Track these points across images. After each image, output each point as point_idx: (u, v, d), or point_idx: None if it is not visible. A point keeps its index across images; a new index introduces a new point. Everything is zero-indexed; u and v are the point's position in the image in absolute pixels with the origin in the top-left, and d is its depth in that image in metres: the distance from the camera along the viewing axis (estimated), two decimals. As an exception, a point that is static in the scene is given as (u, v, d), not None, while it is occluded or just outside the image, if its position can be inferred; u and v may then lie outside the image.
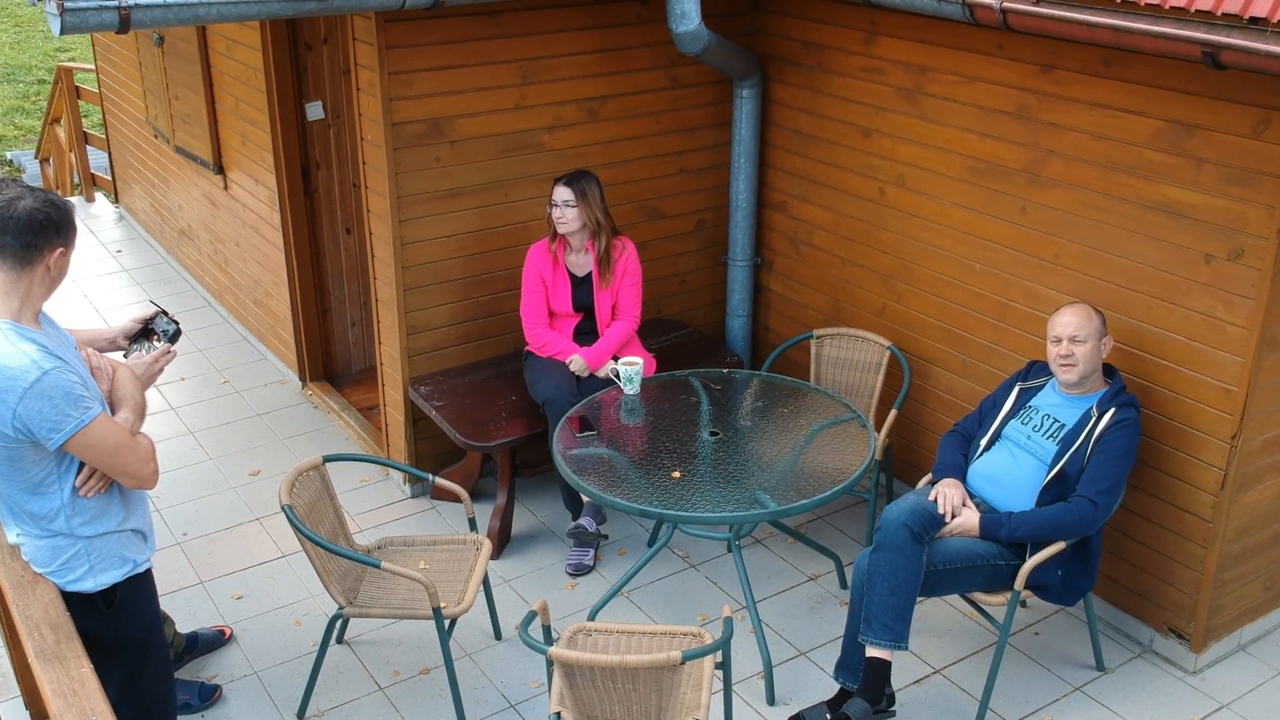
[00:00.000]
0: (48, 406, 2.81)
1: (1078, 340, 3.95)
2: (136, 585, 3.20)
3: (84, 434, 2.87)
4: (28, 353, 2.82)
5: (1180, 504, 4.21)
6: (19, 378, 2.80)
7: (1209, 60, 3.28)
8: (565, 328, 5.03)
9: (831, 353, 5.22)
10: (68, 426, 2.84)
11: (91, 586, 3.09)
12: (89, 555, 3.06)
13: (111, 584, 3.11)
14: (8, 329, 2.85)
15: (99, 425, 2.89)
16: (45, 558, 3.06)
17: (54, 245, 2.89)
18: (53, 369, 2.83)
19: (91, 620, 3.12)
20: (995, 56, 4.43)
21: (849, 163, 5.19)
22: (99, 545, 3.07)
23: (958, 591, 4.03)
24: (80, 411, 2.85)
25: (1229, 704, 4.20)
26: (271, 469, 5.69)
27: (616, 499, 4.06)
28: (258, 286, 6.68)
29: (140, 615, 3.24)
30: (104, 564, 3.09)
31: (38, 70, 15.16)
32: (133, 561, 3.16)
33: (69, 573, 3.07)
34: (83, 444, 2.89)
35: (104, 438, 2.91)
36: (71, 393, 2.84)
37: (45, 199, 2.88)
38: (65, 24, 3.53)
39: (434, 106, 4.83)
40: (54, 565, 3.06)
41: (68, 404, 2.83)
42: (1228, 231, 3.86)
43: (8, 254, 2.86)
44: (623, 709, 3.35)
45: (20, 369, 2.80)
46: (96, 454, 2.93)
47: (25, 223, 2.83)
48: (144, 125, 7.89)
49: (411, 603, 3.99)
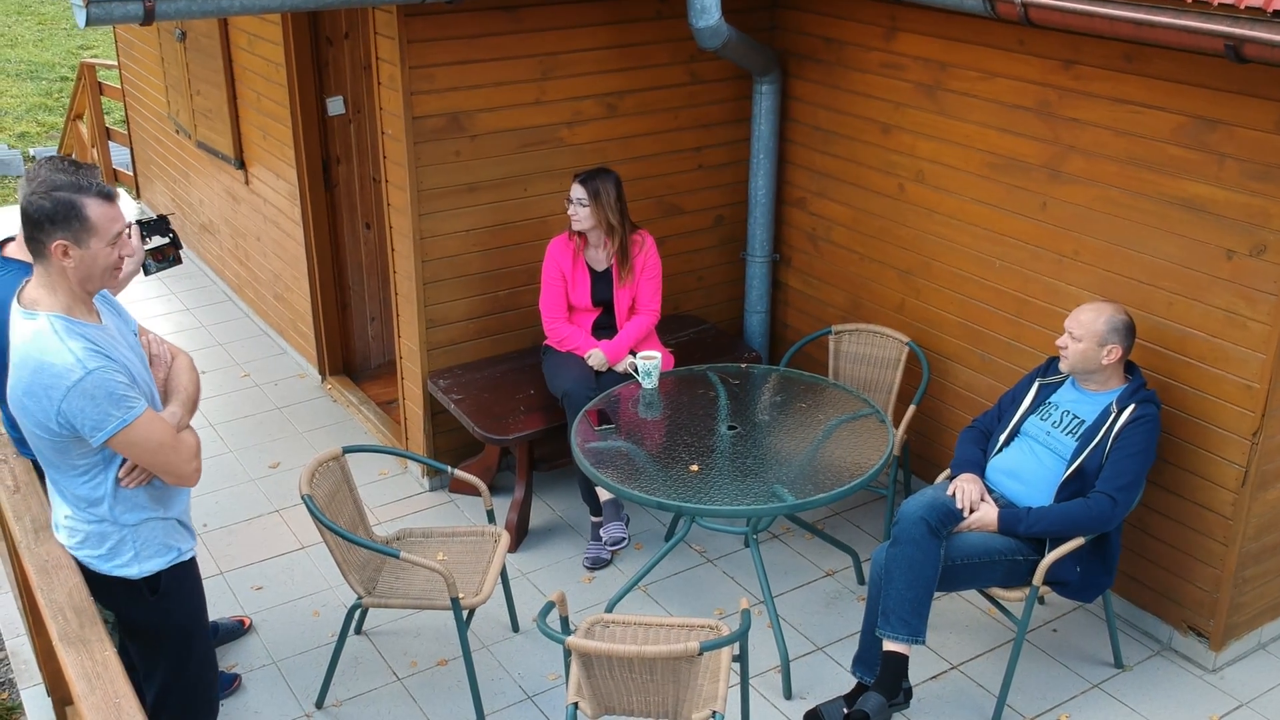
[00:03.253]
0: (90, 405, 2.80)
1: (1074, 336, 3.97)
2: (181, 573, 3.20)
3: (126, 433, 2.85)
4: (73, 350, 2.79)
5: (1200, 501, 4.20)
6: (63, 376, 2.78)
7: (1232, 54, 3.27)
8: (584, 322, 5.04)
9: (850, 348, 5.22)
10: (110, 425, 2.83)
11: (136, 573, 3.09)
12: (134, 542, 3.07)
13: (156, 571, 3.12)
14: (57, 323, 2.82)
15: (142, 424, 2.87)
16: (93, 541, 3.06)
17: (54, 239, 2.77)
18: (97, 368, 2.80)
19: (138, 608, 3.14)
20: (1016, 52, 4.42)
21: (868, 159, 5.18)
22: (143, 532, 3.08)
23: (975, 587, 4.02)
24: (123, 411, 2.83)
25: (1248, 702, 4.18)
26: (291, 462, 5.72)
27: (634, 492, 4.07)
28: (278, 281, 6.71)
29: (185, 604, 3.24)
30: (149, 551, 3.10)
31: (60, 68, 15.26)
32: (177, 550, 3.17)
33: (115, 557, 3.07)
34: (125, 442, 2.88)
35: (146, 437, 2.90)
36: (114, 392, 2.82)
37: (46, 186, 2.75)
38: (91, 16, 3.55)
39: (454, 101, 4.85)
40: (101, 549, 3.06)
41: (110, 403, 2.81)
42: (1249, 227, 3.84)
43: (29, 248, 2.84)
44: (640, 700, 3.36)
45: (65, 367, 2.78)
46: (139, 452, 2.93)
47: (24, 215, 2.78)
48: (165, 121, 7.94)
49: (430, 593, 4.01)
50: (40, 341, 2.80)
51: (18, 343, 2.84)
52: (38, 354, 2.80)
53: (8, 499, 3.39)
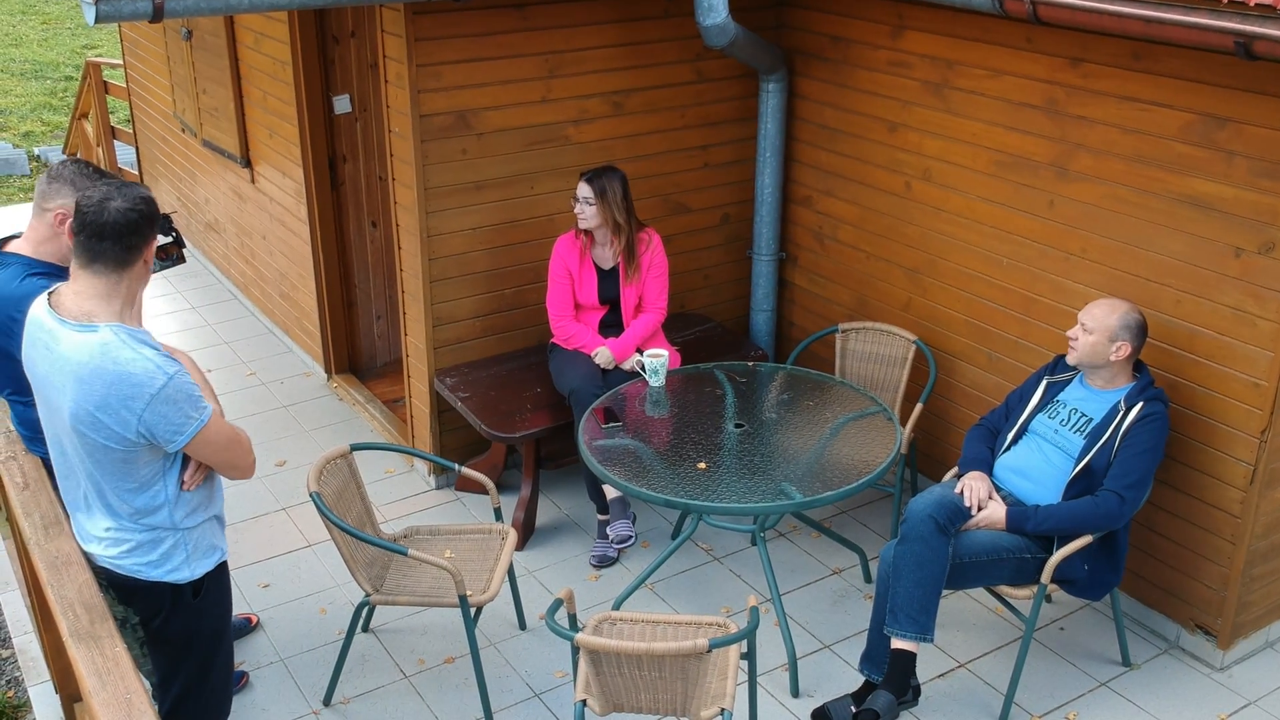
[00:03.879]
0: (173, 411, 2.78)
1: (1085, 329, 3.97)
2: (220, 575, 3.19)
3: (203, 433, 2.84)
4: (150, 357, 2.77)
5: (1208, 499, 4.19)
6: (145, 384, 2.75)
7: (1241, 51, 3.27)
8: (591, 320, 5.04)
9: (856, 347, 5.22)
10: (190, 429, 2.82)
11: (187, 576, 3.05)
12: (186, 545, 3.03)
13: (203, 573, 3.09)
14: (122, 334, 2.78)
15: (215, 423, 2.87)
16: (144, 549, 3.00)
17: (149, 240, 2.84)
18: (176, 372, 2.78)
19: (177, 612, 3.10)
20: (1024, 50, 4.42)
21: (875, 157, 5.18)
22: (195, 535, 3.05)
23: (983, 584, 4.02)
24: (199, 412, 2.83)
25: (1256, 701, 4.18)
26: (297, 460, 5.73)
27: (642, 489, 4.07)
28: (284, 279, 6.72)
29: (218, 606, 3.22)
30: (199, 553, 3.07)
31: (65, 67, 15.28)
32: (220, 550, 3.15)
33: (167, 562, 3.03)
34: (201, 443, 2.87)
35: (218, 434, 2.90)
36: (192, 395, 2.81)
37: (135, 197, 2.80)
38: (100, 13, 3.56)
39: (461, 99, 4.85)
40: (153, 555, 3.01)
41: (190, 406, 2.80)
42: (1258, 225, 3.84)
43: (108, 259, 2.78)
44: (648, 697, 3.36)
45: (146, 375, 2.75)
46: (211, 450, 2.91)
47: (121, 226, 2.76)
48: (171, 119, 7.95)
49: (437, 590, 4.01)
50: (112, 352, 2.75)
51: (81, 357, 2.76)
52: (112, 365, 2.74)
53: (17, 496, 3.39)
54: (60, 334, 2.80)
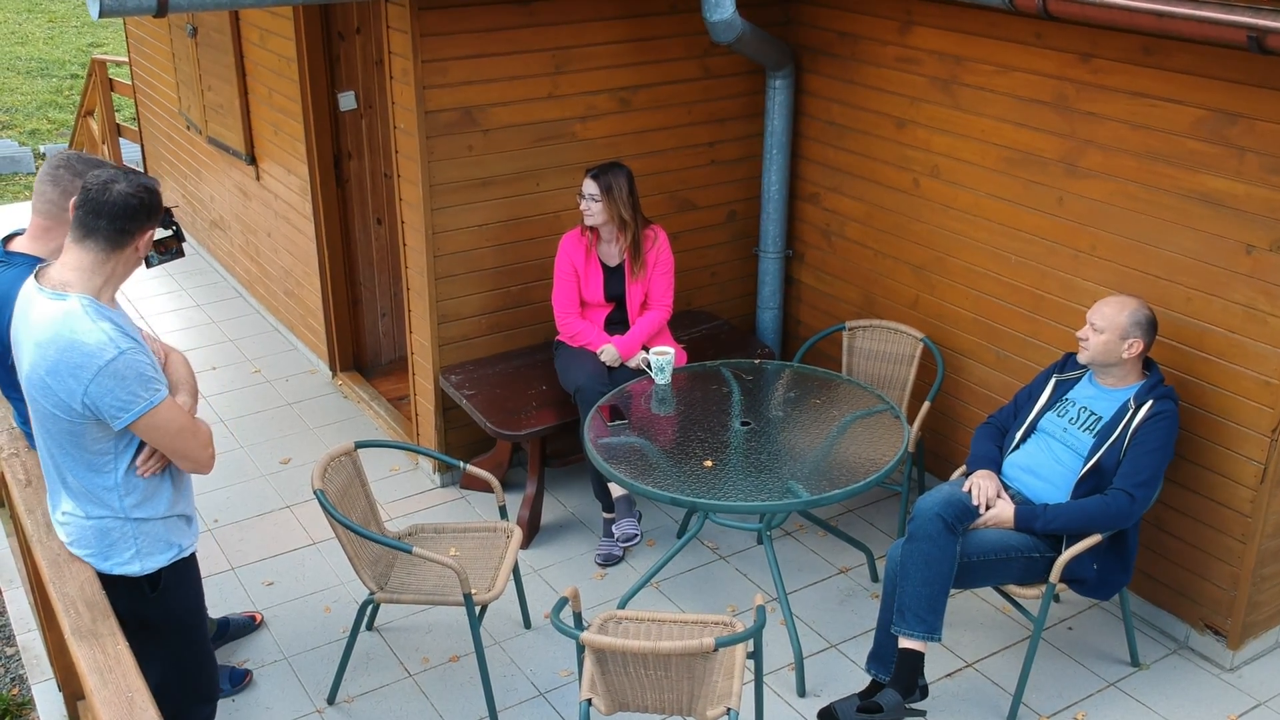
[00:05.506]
0: (119, 386, 2.81)
1: (1096, 328, 3.93)
2: (182, 570, 3.19)
3: (150, 416, 2.87)
4: (105, 330, 2.81)
5: (1218, 499, 4.16)
6: (95, 355, 2.79)
7: (1254, 45, 3.24)
8: (596, 317, 5.02)
9: (863, 345, 5.19)
10: (136, 408, 2.84)
11: (138, 570, 3.08)
12: (136, 539, 3.05)
13: (157, 568, 3.11)
14: (88, 305, 2.84)
15: (165, 408, 2.90)
16: (90, 539, 3.05)
17: (145, 229, 2.89)
18: (128, 349, 2.82)
19: (137, 603, 3.12)
20: (1033, 46, 4.39)
21: (882, 154, 5.15)
22: (146, 530, 3.06)
23: (991, 584, 3.99)
24: (149, 393, 2.85)
25: (1266, 701, 4.15)
26: (302, 458, 5.71)
27: (648, 487, 4.04)
28: (289, 277, 6.70)
29: (185, 599, 3.24)
30: (150, 548, 3.09)
31: (70, 65, 15.29)
32: (178, 546, 3.16)
33: (114, 555, 3.06)
34: (148, 425, 2.89)
35: (168, 420, 2.92)
36: (144, 374, 2.84)
37: (138, 184, 2.86)
38: (104, 7, 3.54)
39: (467, 95, 4.83)
40: (98, 547, 3.05)
41: (139, 385, 2.83)
42: (1270, 222, 3.81)
43: (100, 237, 2.85)
44: (654, 696, 3.34)
45: (97, 346, 2.79)
46: (160, 436, 2.93)
47: (120, 209, 2.83)
48: (176, 117, 7.94)
49: (442, 589, 3.99)
50: (71, 321, 2.81)
51: (43, 322, 2.83)
52: (68, 333, 2.80)
53: (19, 493, 3.38)
54: (35, 300, 2.88)
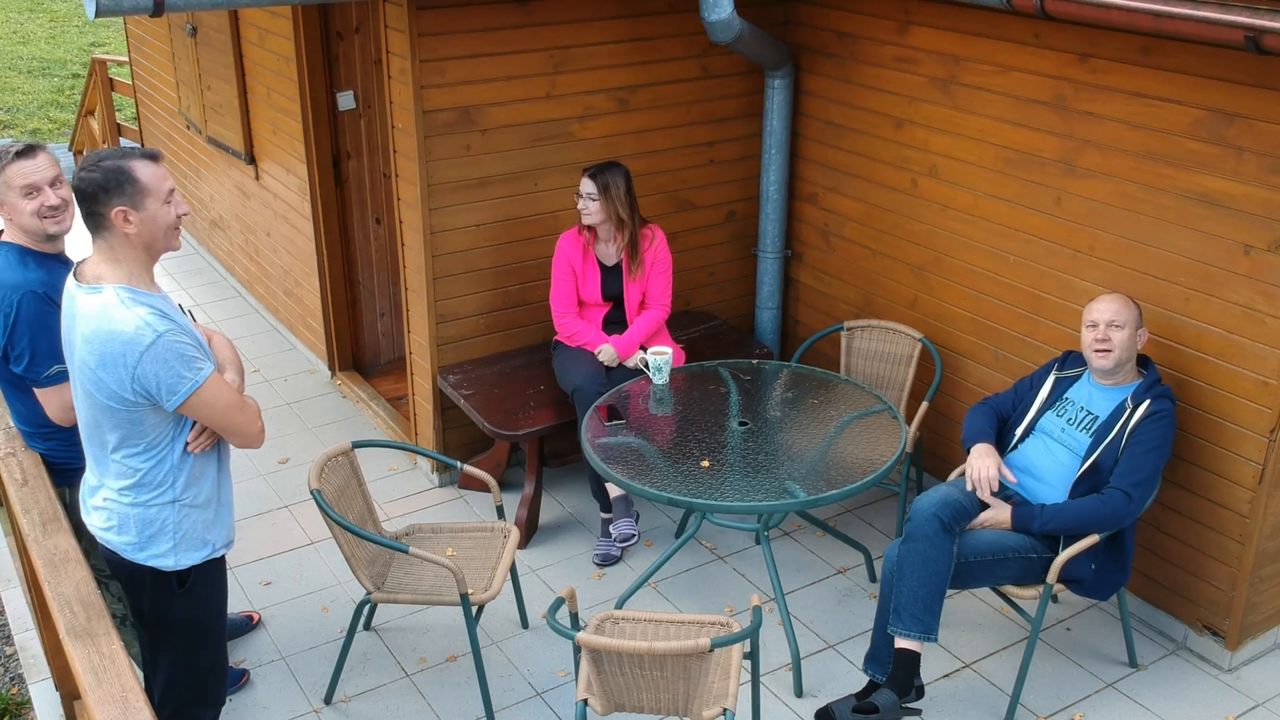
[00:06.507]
0: (163, 368, 2.84)
1: (1115, 325, 3.90)
2: (211, 570, 3.20)
3: (199, 393, 2.90)
4: (141, 315, 2.84)
5: (1217, 499, 4.15)
6: (134, 342, 2.82)
7: (1251, 45, 3.23)
8: (594, 317, 5.02)
9: (862, 345, 5.18)
10: (184, 388, 2.87)
11: (171, 564, 3.08)
12: (176, 532, 3.05)
13: (190, 565, 3.11)
14: (122, 293, 2.87)
15: (212, 384, 2.93)
16: (131, 526, 3.04)
17: (112, 206, 2.85)
18: (166, 331, 2.85)
19: (162, 597, 3.12)
20: (1031, 45, 4.38)
21: (881, 154, 5.15)
22: (189, 520, 3.07)
23: (989, 584, 3.99)
24: (194, 372, 2.88)
25: (1264, 702, 4.14)
26: (300, 457, 5.71)
27: (645, 487, 4.04)
28: (288, 276, 6.70)
29: (209, 600, 3.23)
30: (187, 544, 3.09)
31: (72, 64, 15.29)
32: (211, 545, 3.15)
33: (152, 545, 3.05)
34: (198, 402, 2.92)
35: (217, 396, 2.95)
36: (184, 354, 2.87)
37: (93, 162, 2.86)
38: (100, 7, 3.54)
39: (465, 95, 4.82)
40: (139, 536, 3.04)
41: (181, 365, 2.86)
42: (1268, 222, 3.80)
43: (89, 226, 2.90)
44: (650, 697, 3.34)
45: (135, 332, 2.82)
46: (210, 413, 2.96)
47: (80, 194, 2.86)
48: (176, 116, 7.94)
49: (439, 589, 3.99)
50: (108, 312, 2.85)
51: (85, 316, 2.88)
52: (106, 324, 2.84)
53: (16, 492, 3.37)
54: (77, 297, 2.92)
